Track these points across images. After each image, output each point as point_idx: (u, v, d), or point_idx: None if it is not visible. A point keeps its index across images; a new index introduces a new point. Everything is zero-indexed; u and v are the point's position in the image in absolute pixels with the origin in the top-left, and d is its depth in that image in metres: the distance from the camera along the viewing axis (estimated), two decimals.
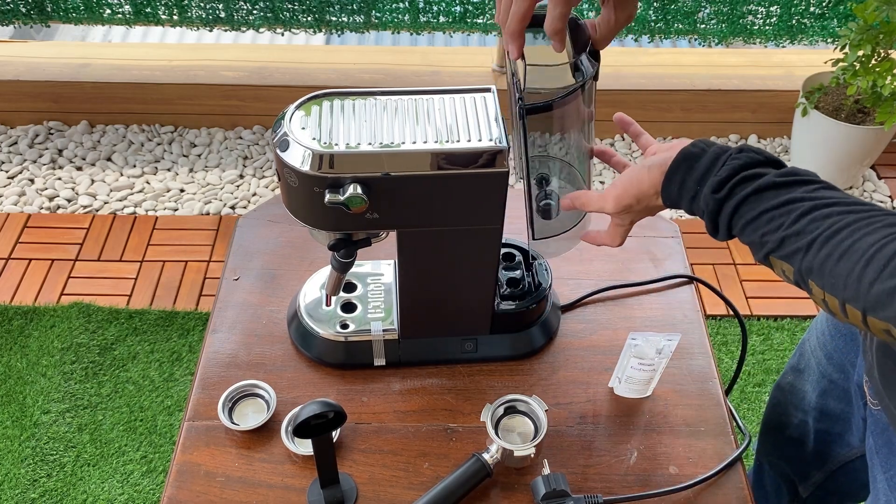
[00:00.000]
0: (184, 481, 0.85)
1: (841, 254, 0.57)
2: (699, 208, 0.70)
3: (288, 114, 0.77)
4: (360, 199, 0.74)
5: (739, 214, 0.66)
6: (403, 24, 2.27)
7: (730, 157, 0.67)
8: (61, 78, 2.39)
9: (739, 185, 0.65)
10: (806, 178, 0.64)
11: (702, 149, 0.70)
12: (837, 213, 0.59)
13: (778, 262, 0.63)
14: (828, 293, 0.58)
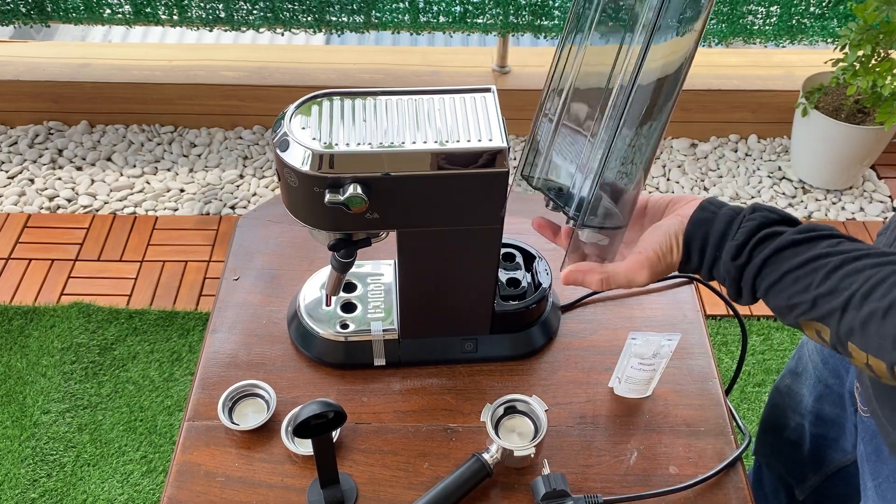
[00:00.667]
0: (184, 481, 0.85)
1: (886, 310, 0.52)
2: (720, 276, 0.66)
3: (288, 114, 0.77)
4: (360, 199, 0.74)
5: (762, 277, 0.62)
6: (403, 24, 2.27)
7: (744, 219, 0.64)
8: (61, 78, 2.39)
9: (758, 248, 0.62)
10: (826, 233, 0.61)
11: (712, 212, 0.66)
12: (871, 267, 0.55)
13: (812, 324, 0.59)
14: (872, 356, 0.53)
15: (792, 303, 0.60)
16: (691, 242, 0.67)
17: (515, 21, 2.26)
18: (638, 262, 0.69)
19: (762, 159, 2.41)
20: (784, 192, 2.32)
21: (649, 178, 2.35)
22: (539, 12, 2.24)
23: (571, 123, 0.72)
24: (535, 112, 0.74)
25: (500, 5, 2.22)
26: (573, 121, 0.72)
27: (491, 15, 2.25)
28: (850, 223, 2.23)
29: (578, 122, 0.72)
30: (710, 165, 2.39)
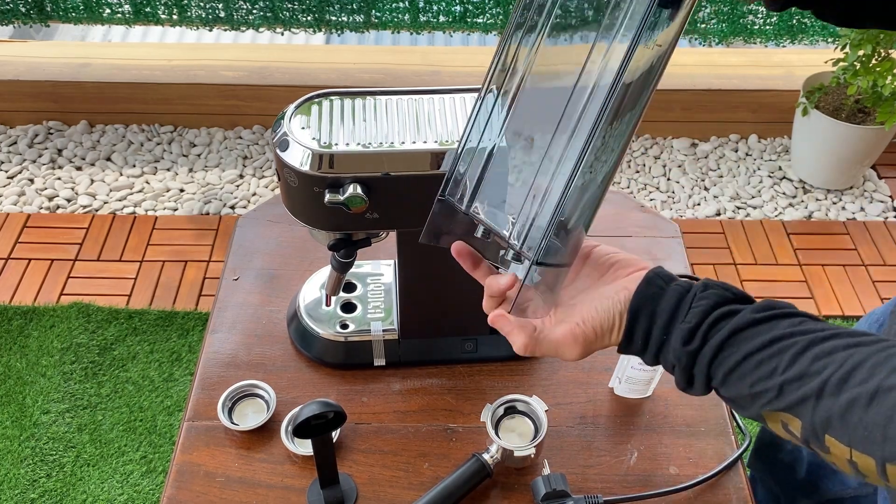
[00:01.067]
0: (183, 481, 0.85)
1: (871, 396, 0.45)
2: (667, 362, 0.58)
3: (288, 114, 0.77)
4: (360, 199, 0.74)
5: (718, 363, 0.54)
6: (403, 23, 2.27)
7: (695, 297, 0.56)
8: (61, 78, 2.39)
9: (713, 330, 0.54)
10: (788, 311, 0.54)
11: (659, 287, 0.58)
12: (843, 348, 0.49)
13: (779, 415, 0.51)
14: (857, 451, 0.46)
15: (755, 391, 0.52)
16: (635, 323, 0.58)
17: None
18: (573, 335, 0.60)
19: (762, 159, 2.41)
20: (784, 192, 2.31)
21: (649, 178, 2.35)
22: None
23: (515, 137, 0.64)
24: (467, 126, 0.65)
25: (499, 5, 2.22)
26: (516, 134, 0.64)
27: (491, 14, 2.25)
28: (850, 223, 2.23)
29: (524, 135, 0.63)
30: (710, 165, 2.39)
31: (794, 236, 2.18)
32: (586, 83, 0.58)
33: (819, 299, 2.01)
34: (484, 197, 0.65)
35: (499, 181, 0.64)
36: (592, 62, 0.58)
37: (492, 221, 0.64)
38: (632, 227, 1.14)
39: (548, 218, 0.59)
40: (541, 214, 0.60)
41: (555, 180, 0.59)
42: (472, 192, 0.65)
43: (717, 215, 2.24)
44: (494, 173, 0.64)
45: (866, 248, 2.15)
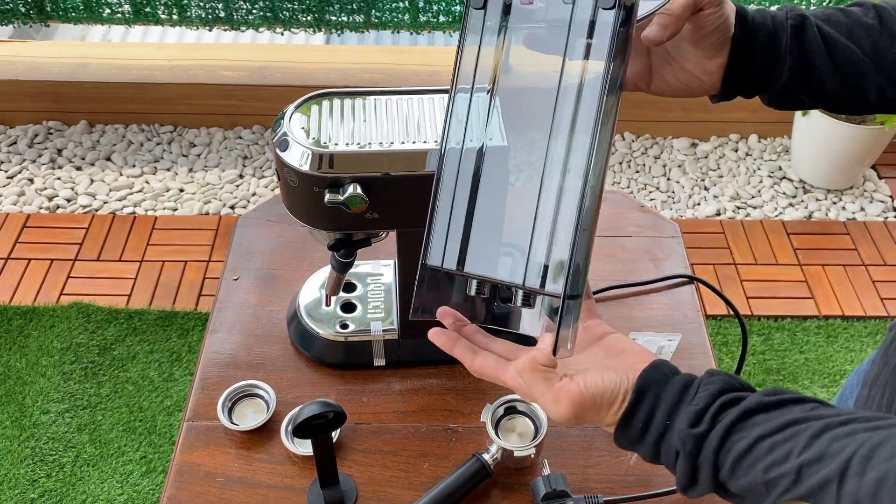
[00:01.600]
0: (183, 481, 0.85)
1: None
2: (670, 450, 0.54)
3: (287, 113, 0.77)
4: (360, 199, 0.74)
5: (728, 449, 0.51)
6: (403, 23, 2.27)
7: (702, 382, 0.54)
8: (61, 77, 2.39)
9: (722, 413, 0.52)
10: (798, 397, 0.52)
11: (665, 374, 0.55)
12: (862, 430, 0.47)
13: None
14: None
15: (769, 477, 0.48)
16: (638, 404, 0.54)
17: None
18: (570, 394, 0.55)
19: (763, 159, 2.41)
20: (784, 191, 2.31)
21: (649, 178, 2.35)
22: None
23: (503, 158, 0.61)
24: (438, 165, 0.59)
25: None
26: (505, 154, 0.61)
27: None
28: (850, 223, 2.23)
29: (516, 151, 0.60)
30: (710, 165, 2.39)
31: (794, 236, 2.18)
32: (570, 81, 0.57)
33: (819, 299, 2.01)
34: (476, 247, 0.59)
35: (490, 221, 0.59)
36: (571, 59, 0.57)
37: (488, 272, 0.58)
38: (632, 227, 1.14)
39: (570, 238, 0.55)
40: (558, 237, 0.56)
41: (565, 195, 0.56)
42: (461, 246, 0.59)
43: (717, 215, 2.24)
44: (483, 216, 0.59)
45: (866, 248, 2.15)
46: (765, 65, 0.65)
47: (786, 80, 0.66)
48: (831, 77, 0.66)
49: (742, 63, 0.66)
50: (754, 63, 0.66)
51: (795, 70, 0.65)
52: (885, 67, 0.65)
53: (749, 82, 0.67)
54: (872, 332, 1.93)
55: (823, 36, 0.65)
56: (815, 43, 0.65)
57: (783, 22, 0.65)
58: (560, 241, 0.57)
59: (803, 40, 0.65)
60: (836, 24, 0.66)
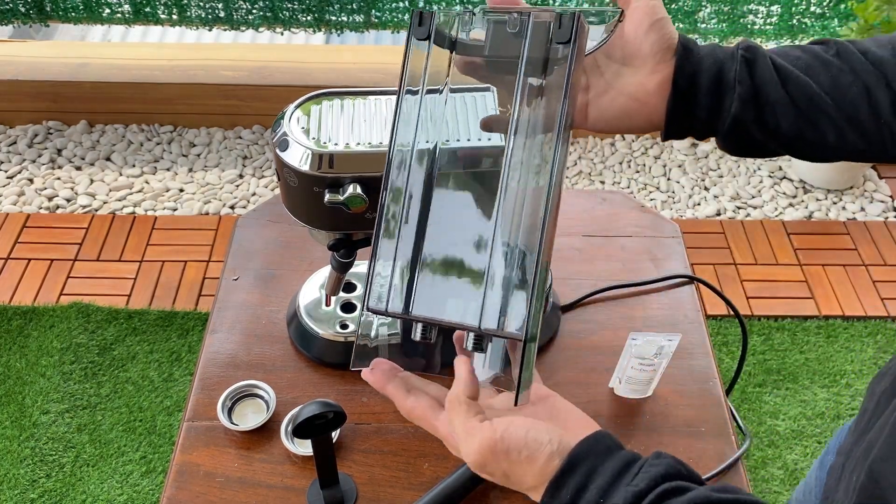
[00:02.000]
0: (183, 482, 0.85)
1: None
2: None
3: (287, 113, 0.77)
4: (360, 199, 0.74)
5: None
6: (403, 23, 2.27)
7: (646, 462, 0.50)
8: (60, 77, 2.39)
9: (664, 501, 0.48)
10: (750, 498, 0.49)
11: (607, 446, 0.52)
12: None
13: None
14: None
15: None
16: (569, 474, 0.50)
17: None
18: (483, 437, 0.51)
19: (763, 159, 2.41)
20: (785, 191, 2.31)
21: (649, 178, 2.35)
22: None
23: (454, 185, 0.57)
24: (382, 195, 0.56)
25: None
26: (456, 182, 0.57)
27: None
28: (850, 223, 2.22)
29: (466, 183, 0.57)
30: (710, 165, 2.39)
31: (794, 236, 2.18)
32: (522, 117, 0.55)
33: (819, 299, 2.01)
34: (425, 286, 0.55)
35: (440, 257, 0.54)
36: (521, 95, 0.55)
37: (437, 314, 0.54)
38: (632, 227, 1.14)
39: (531, 275, 0.51)
40: (517, 274, 0.52)
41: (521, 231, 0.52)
42: (408, 285, 0.55)
43: (718, 215, 2.24)
44: (433, 251, 0.55)
45: (867, 248, 2.15)
46: (711, 93, 0.59)
47: (736, 112, 0.59)
48: (786, 112, 0.59)
49: (687, 92, 0.59)
50: (699, 91, 0.59)
51: (746, 101, 0.59)
52: (845, 107, 0.59)
53: (696, 116, 0.60)
54: (873, 333, 1.93)
55: (777, 68, 0.59)
56: (768, 73, 0.59)
57: (734, 52, 0.60)
58: (518, 278, 0.53)
59: (755, 70, 0.59)
60: (794, 58, 0.60)
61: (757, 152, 0.63)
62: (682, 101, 0.60)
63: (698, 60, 0.60)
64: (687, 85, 0.59)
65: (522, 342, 0.52)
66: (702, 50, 0.61)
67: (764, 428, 1.74)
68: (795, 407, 1.77)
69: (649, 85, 0.60)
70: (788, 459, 1.68)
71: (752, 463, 1.68)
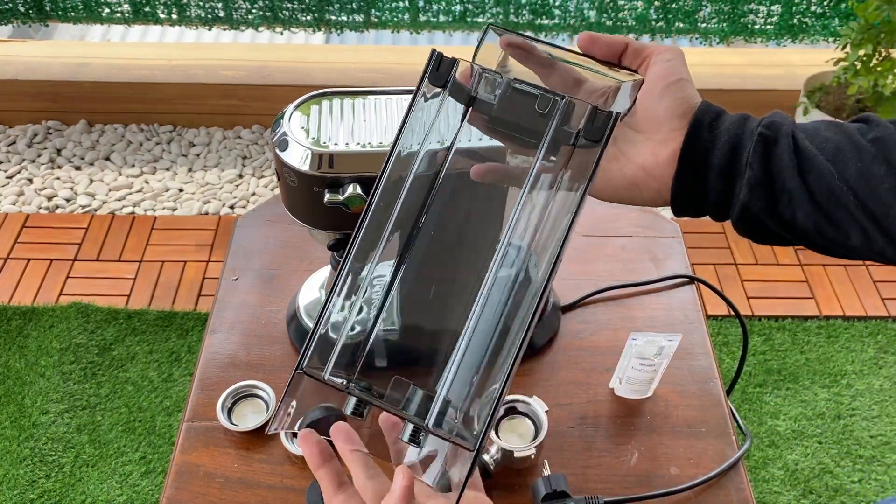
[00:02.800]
0: (183, 482, 0.84)
1: None
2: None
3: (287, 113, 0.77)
4: (360, 199, 0.73)
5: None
6: (403, 23, 2.27)
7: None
8: (60, 77, 2.39)
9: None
10: None
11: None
12: None
13: None
14: None
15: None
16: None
17: (516, 20, 2.26)
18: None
19: None
20: None
21: None
22: (539, 11, 2.24)
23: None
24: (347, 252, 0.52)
25: (500, 4, 2.22)
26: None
27: (491, 14, 2.25)
28: None
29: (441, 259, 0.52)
30: None
31: None
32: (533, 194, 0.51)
33: (820, 299, 2.01)
34: (376, 360, 0.50)
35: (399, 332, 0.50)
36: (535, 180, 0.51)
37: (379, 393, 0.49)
38: (632, 227, 1.14)
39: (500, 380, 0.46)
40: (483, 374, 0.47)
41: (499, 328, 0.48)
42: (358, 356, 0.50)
43: None
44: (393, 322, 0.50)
45: None
46: (723, 176, 0.52)
47: (744, 200, 0.51)
48: (803, 205, 0.51)
49: (696, 171, 0.53)
50: (709, 172, 0.53)
51: (755, 187, 0.51)
52: (871, 205, 0.50)
53: (707, 199, 0.54)
54: (873, 333, 1.92)
55: (799, 150, 0.51)
56: (786, 158, 0.51)
57: (753, 129, 0.52)
58: (484, 380, 0.48)
59: (772, 152, 0.51)
60: (822, 140, 0.51)
61: (774, 241, 0.55)
62: (691, 181, 0.53)
63: (713, 136, 0.52)
64: (697, 163, 0.53)
65: (473, 453, 0.46)
66: (723, 122, 0.53)
67: (764, 428, 1.74)
68: (796, 407, 1.77)
69: (661, 155, 0.53)
70: (789, 460, 1.68)
71: (753, 463, 1.68)
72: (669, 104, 0.53)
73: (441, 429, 0.47)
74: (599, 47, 0.55)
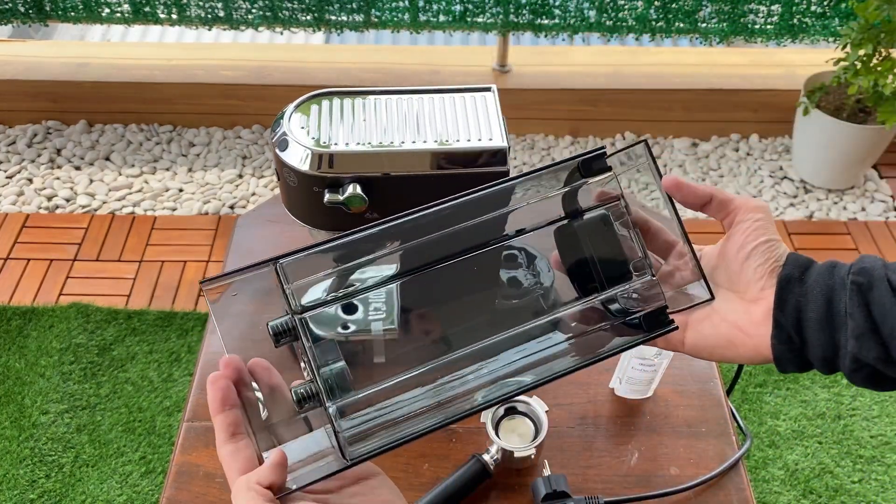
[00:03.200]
0: (183, 482, 0.84)
1: None
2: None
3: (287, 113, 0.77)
4: (360, 199, 0.73)
5: None
6: (403, 23, 2.27)
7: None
8: (60, 77, 2.38)
9: None
10: None
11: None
12: None
13: None
14: None
15: None
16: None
17: (516, 20, 2.26)
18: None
19: (763, 159, 2.41)
20: (785, 191, 2.31)
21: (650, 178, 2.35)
22: (540, 11, 2.23)
23: None
24: None
25: (500, 4, 2.21)
26: None
27: (491, 14, 2.25)
28: (851, 223, 2.22)
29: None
30: (711, 165, 2.39)
31: (795, 236, 2.17)
32: None
33: None
34: None
35: None
36: None
37: None
38: None
39: None
40: None
41: None
42: None
43: None
44: None
45: (867, 248, 2.14)
46: (822, 329, 0.51)
47: (854, 352, 0.50)
48: None
49: (793, 329, 0.52)
50: (806, 328, 0.51)
51: (861, 337, 0.49)
52: None
53: (812, 353, 0.52)
54: None
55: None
56: (886, 303, 0.49)
57: (843, 276, 0.51)
58: None
59: (871, 298, 0.50)
60: None
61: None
62: (789, 339, 0.52)
63: (804, 289, 0.51)
64: (792, 319, 0.52)
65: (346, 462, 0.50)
66: (811, 275, 0.52)
67: (765, 428, 1.74)
68: (796, 407, 1.77)
69: (755, 314, 0.53)
70: (789, 460, 1.68)
71: (753, 463, 1.68)
72: (759, 264, 0.53)
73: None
74: (684, 195, 0.56)
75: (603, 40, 2.59)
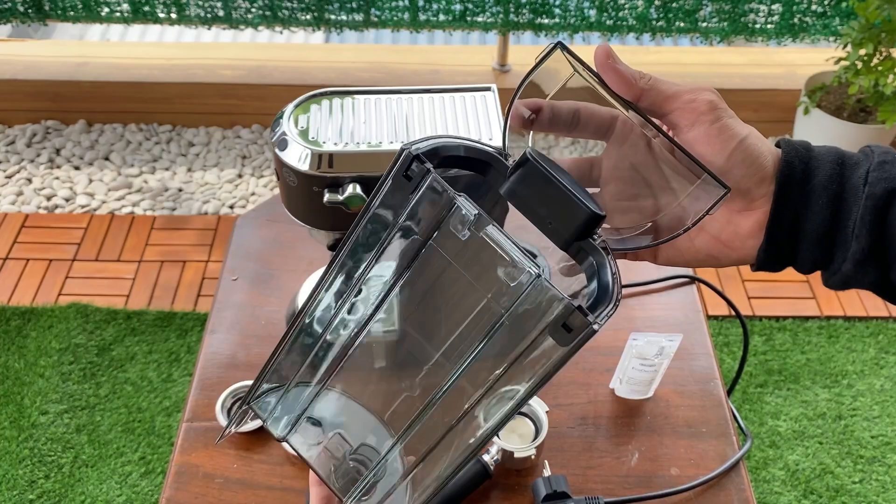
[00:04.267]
0: (182, 482, 0.84)
1: None
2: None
3: (287, 113, 0.77)
4: (360, 199, 0.73)
5: None
6: (403, 22, 2.27)
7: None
8: (59, 77, 2.38)
9: None
10: None
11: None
12: None
13: None
14: None
15: None
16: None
17: (516, 19, 2.25)
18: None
19: None
20: None
21: None
22: (540, 10, 2.23)
23: None
24: None
25: (500, 3, 2.21)
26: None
27: (491, 13, 2.24)
28: None
29: None
30: None
31: None
32: None
33: (821, 299, 2.00)
34: None
35: None
36: None
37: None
38: None
39: None
40: None
41: None
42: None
43: None
44: None
45: None
46: (819, 245, 0.45)
47: (847, 272, 0.45)
48: None
49: (786, 242, 0.45)
50: (802, 241, 0.45)
51: (862, 263, 0.44)
52: None
53: (799, 265, 0.47)
54: (874, 333, 1.92)
55: None
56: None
57: (857, 185, 0.43)
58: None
59: (888, 218, 0.42)
60: None
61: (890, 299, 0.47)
62: (778, 252, 0.46)
63: (805, 194, 0.44)
64: (786, 232, 0.45)
65: None
66: (816, 174, 0.44)
67: (765, 428, 1.73)
68: (797, 407, 1.77)
69: (741, 226, 0.46)
70: (790, 460, 1.68)
71: (754, 463, 1.67)
72: (742, 173, 0.44)
73: None
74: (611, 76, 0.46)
75: (603, 40, 2.59)
